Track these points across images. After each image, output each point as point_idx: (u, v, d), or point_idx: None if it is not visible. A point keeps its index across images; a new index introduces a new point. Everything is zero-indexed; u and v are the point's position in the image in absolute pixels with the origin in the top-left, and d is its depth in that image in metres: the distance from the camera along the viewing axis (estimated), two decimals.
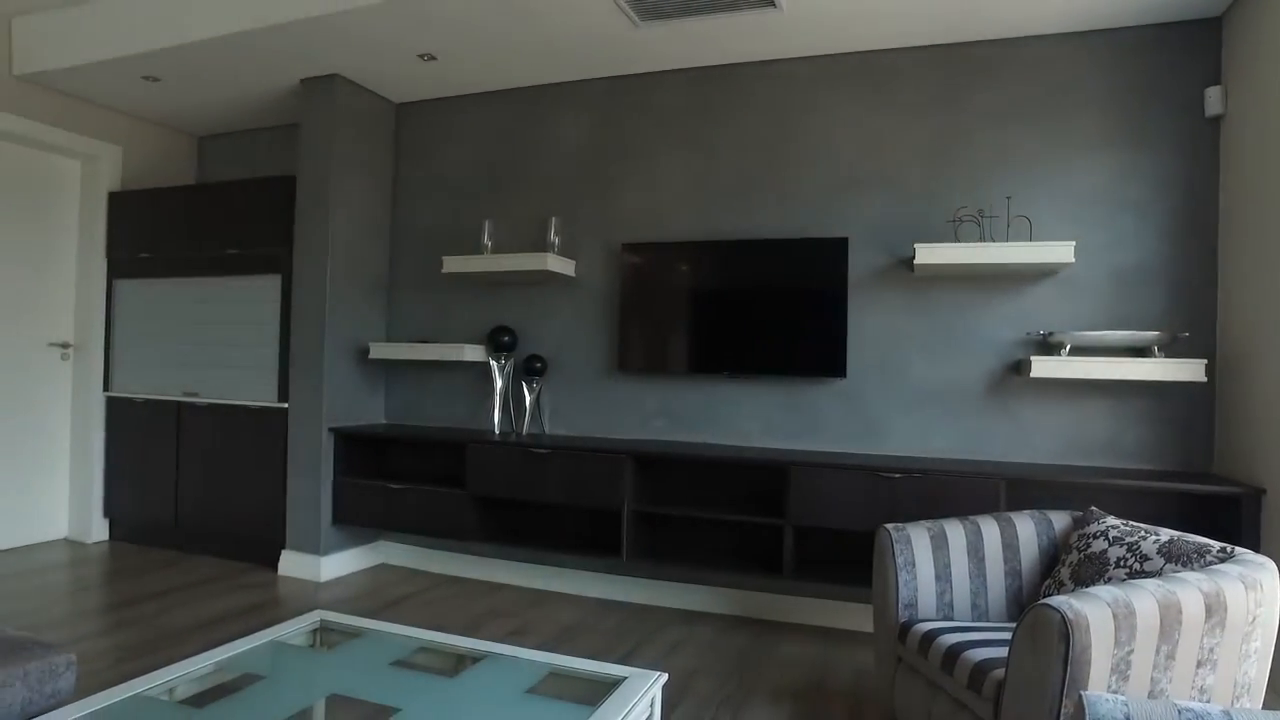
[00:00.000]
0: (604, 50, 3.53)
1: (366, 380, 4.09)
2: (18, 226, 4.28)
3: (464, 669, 1.77)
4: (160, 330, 4.32)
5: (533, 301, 3.93)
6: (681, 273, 3.54)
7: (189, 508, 4.20)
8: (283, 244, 3.95)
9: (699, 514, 3.19)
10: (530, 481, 3.42)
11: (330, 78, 3.87)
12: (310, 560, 3.82)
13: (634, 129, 3.77)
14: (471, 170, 4.10)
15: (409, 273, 4.22)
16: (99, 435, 4.47)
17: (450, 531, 3.57)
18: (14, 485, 4.29)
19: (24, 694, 1.67)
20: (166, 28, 3.61)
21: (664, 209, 3.70)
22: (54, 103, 4.26)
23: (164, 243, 4.31)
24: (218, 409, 4.12)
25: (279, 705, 1.49)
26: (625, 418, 3.72)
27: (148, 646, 2.92)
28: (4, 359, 4.23)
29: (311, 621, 1.95)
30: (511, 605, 3.54)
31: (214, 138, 5.00)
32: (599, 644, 3.08)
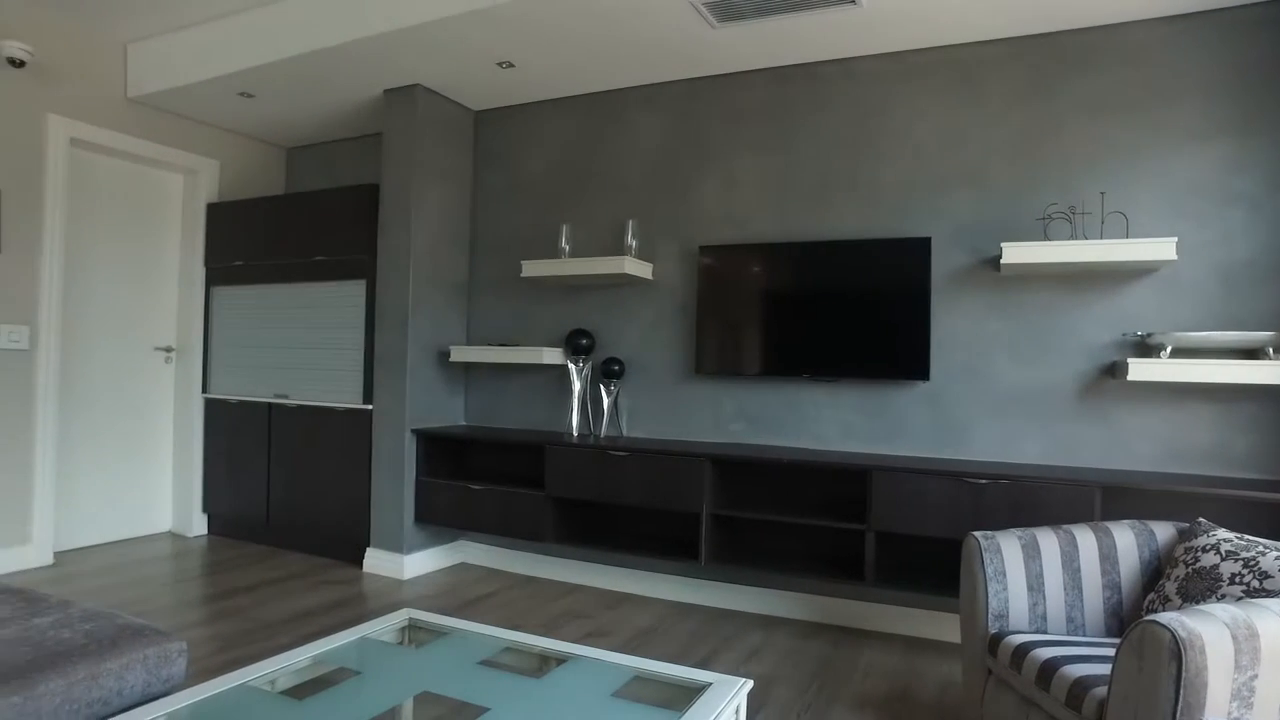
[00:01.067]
0: (681, 52, 3.52)
1: (447, 383, 4.18)
2: (128, 239, 4.54)
3: (549, 670, 1.79)
4: (252, 334, 4.52)
5: (610, 304, 3.95)
6: (759, 274, 3.51)
7: (279, 505, 4.37)
8: (367, 250, 4.07)
9: (778, 518, 3.15)
10: (608, 483, 3.44)
11: (411, 88, 3.97)
12: (393, 558, 3.92)
13: (711, 130, 3.76)
14: (549, 175, 4.15)
15: (488, 277, 4.29)
16: (198, 435, 4.69)
17: (528, 532, 3.62)
18: (124, 481, 4.55)
19: (144, 677, 1.76)
20: (261, 46, 3.78)
21: (742, 210, 3.67)
22: (161, 122, 4.50)
23: (256, 251, 4.50)
24: (306, 410, 4.27)
25: (374, 700, 1.53)
26: (702, 420, 3.71)
27: (244, 637, 3.04)
28: (115, 363, 4.49)
29: (401, 619, 2.00)
30: (588, 607, 3.57)
31: (301, 149, 5.20)
32: (676, 648, 3.07)
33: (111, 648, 1.76)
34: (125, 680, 1.73)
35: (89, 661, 1.69)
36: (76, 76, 4.10)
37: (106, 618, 1.92)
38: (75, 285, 4.28)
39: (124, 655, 1.75)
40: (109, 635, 1.81)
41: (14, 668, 1.62)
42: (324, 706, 1.49)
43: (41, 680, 1.60)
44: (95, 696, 1.68)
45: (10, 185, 3.86)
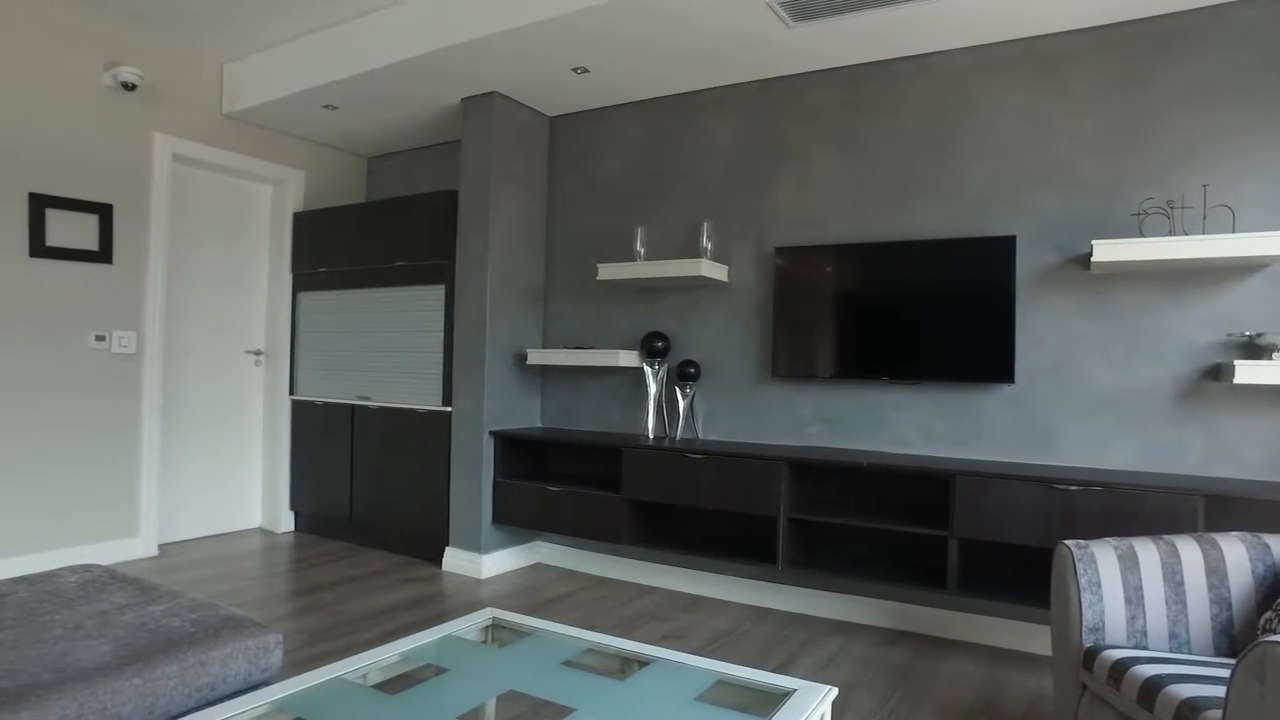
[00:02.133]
0: (755, 53, 3.50)
1: (524, 385, 4.25)
2: (222, 248, 4.76)
3: (631, 672, 1.80)
4: (336, 338, 4.67)
5: (685, 307, 3.95)
6: (837, 276, 3.46)
7: (362, 504, 4.51)
8: (446, 255, 4.17)
9: (857, 523, 3.10)
10: (684, 486, 3.44)
11: (489, 95, 4.05)
12: (472, 558, 4.00)
13: (786, 131, 3.72)
14: (623, 178, 4.18)
15: (563, 280, 4.35)
16: (285, 435, 4.88)
17: (604, 534, 3.65)
18: (219, 478, 4.77)
19: (245, 666, 1.84)
20: (345, 60, 3.91)
21: (818, 211, 3.63)
22: (252, 136, 4.71)
23: (339, 257, 4.65)
24: (387, 412, 4.40)
25: (461, 697, 1.57)
26: (779, 423, 3.68)
27: (330, 631, 3.15)
28: (210, 366, 4.71)
29: (484, 619, 2.04)
30: (664, 609, 3.57)
31: (381, 157, 5.36)
32: (753, 652, 3.05)
33: (216, 637, 1.84)
34: (229, 668, 1.82)
35: (197, 649, 1.78)
36: (178, 96, 4.33)
37: (211, 608, 2.02)
38: (175, 293, 4.50)
39: (228, 645, 1.84)
40: (214, 625, 1.90)
41: (134, 652, 1.71)
42: (414, 702, 1.53)
43: (159, 664, 1.69)
44: (203, 682, 1.76)
45: (121, 200, 4.09)
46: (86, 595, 2.10)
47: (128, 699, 1.62)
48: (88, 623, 1.89)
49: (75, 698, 1.54)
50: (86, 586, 2.18)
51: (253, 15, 3.90)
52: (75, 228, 3.92)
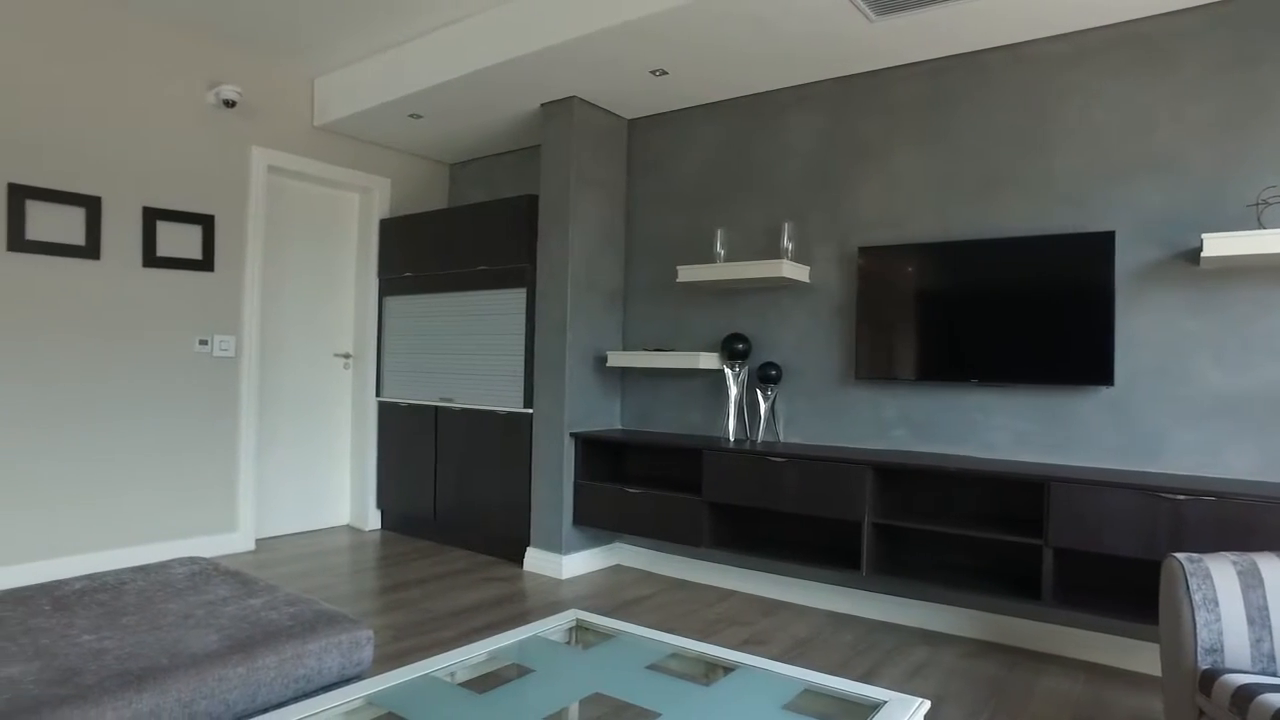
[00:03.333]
0: (836, 49, 3.44)
1: (604, 387, 4.27)
2: (313, 255, 4.95)
3: (716, 678, 1.78)
4: (420, 341, 4.79)
5: (766, 308, 3.90)
6: (921, 275, 3.36)
7: (445, 504, 4.61)
8: (527, 259, 4.23)
9: (945, 529, 3.00)
10: (766, 490, 3.40)
11: (568, 100, 4.09)
12: (552, 558, 4.04)
13: (867, 128, 3.64)
14: (701, 180, 4.16)
15: (643, 283, 4.35)
16: (372, 436, 5.03)
17: (684, 536, 3.63)
18: (310, 476, 4.95)
19: (339, 660, 1.90)
20: (429, 70, 4.01)
21: (901, 210, 3.53)
22: (342, 146, 4.88)
23: (423, 262, 4.77)
24: (470, 414, 4.48)
25: (547, 698, 1.57)
26: (862, 426, 3.60)
27: (415, 628, 3.22)
28: (302, 369, 4.90)
29: (568, 620, 2.05)
30: (744, 613, 3.53)
31: (462, 164, 5.48)
32: (836, 660, 2.99)
33: (312, 631, 1.90)
34: (324, 661, 1.88)
35: (295, 642, 1.84)
36: (273, 111, 4.52)
37: (307, 603, 2.09)
38: (270, 298, 4.70)
39: (323, 639, 1.89)
40: (309, 619, 1.96)
41: (238, 642, 1.79)
42: (501, 701, 1.55)
43: (260, 655, 1.76)
44: (300, 674, 1.82)
45: (222, 211, 4.30)
46: (194, 586, 2.21)
47: (233, 686, 1.69)
48: (196, 612, 1.98)
49: (188, 683, 1.61)
50: (194, 578, 2.28)
51: (343, 30, 4.04)
52: (181, 238, 4.13)
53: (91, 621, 1.90)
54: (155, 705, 1.56)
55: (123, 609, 2.00)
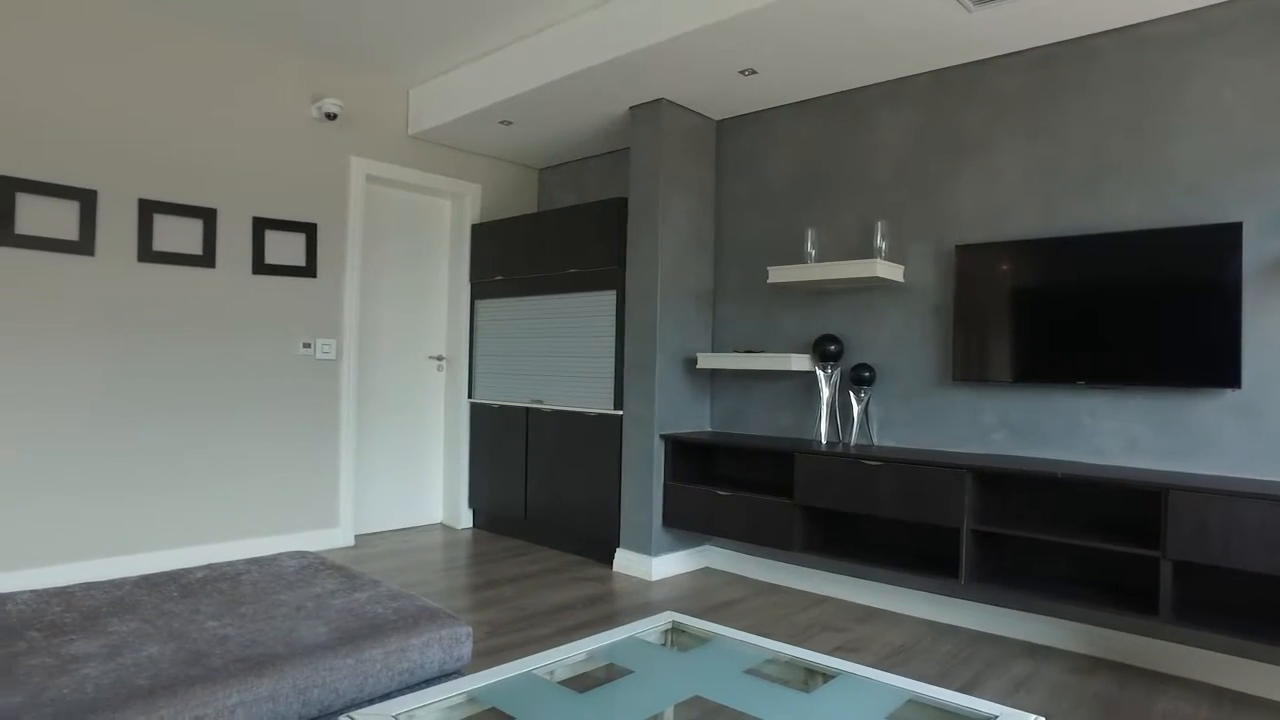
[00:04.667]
0: (932, 41, 3.33)
1: (693, 389, 4.26)
2: (408, 260, 5.11)
3: (815, 685, 1.75)
4: (511, 344, 4.88)
5: (858, 309, 3.82)
6: (1024, 273, 3.23)
7: (536, 503, 4.68)
8: (616, 262, 4.25)
9: (1050, 538, 2.86)
10: (860, 493, 3.32)
11: (656, 102, 4.10)
12: (642, 559, 4.05)
13: (964, 122, 3.52)
14: (791, 180, 4.10)
15: (732, 284, 4.32)
16: (465, 436, 5.16)
17: (776, 540, 3.58)
18: (405, 475, 5.11)
19: (440, 655, 1.95)
20: (519, 77, 4.08)
21: (1002, 205, 3.40)
22: (435, 154, 5.02)
23: (514, 266, 4.86)
24: (560, 415, 4.54)
25: (646, 700, 1.57)
26: (960, 430, 3.47)
27: (508, 625, 3.27)
28: (398, 371, 5.06)
29: (664, 622, 2.04)
30: (837, 619, 3.46)
31: (551, 168, 5.56)
32: (934, 670, 2.89)
33: (414, 626, 1.96)
34: (426, 656, 1.93)
35: (399, 636, 1.90)
36: (371, 122, 4.69)
37: (408, 598, 2.15)
38: (368, 303, 4.88)
39: (425, 634, 1.94)
40: (412, 614, 2.02)
41: (346, 634, 1.85)
42: (601, 701, 1.55)
43: (367, 647, 1.82)
44: (404, 667, 1.88)
45: (324, 219, 4.48)
46: (304, 579, 2.30)
47: (343, 676, 1.75)
48: (307, 604, 2.06)
49: (303, 671, 1.68)
50: (303, 571, 2.38)
51: (436, 42, 4.15)
52: (286, 246, 4.32)
53: (214, 609, 2.00)
54: (273, 690, 1.63)
55: (241, 598, 2.10)
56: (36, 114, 3.53)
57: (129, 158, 3.78)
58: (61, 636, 1.78)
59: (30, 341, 3.52)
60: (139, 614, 1.95)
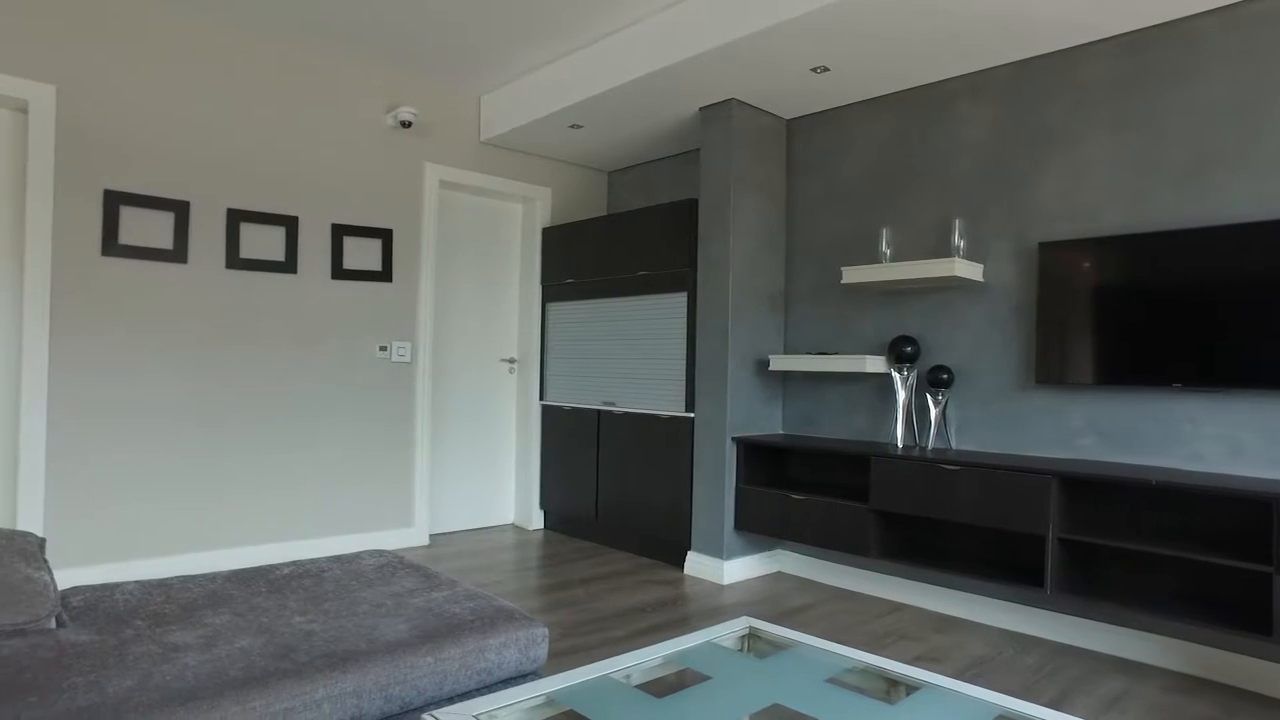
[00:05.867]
0: (1014, 31, 3.22)
1: (765, 391, 4.21)
2: (480, 264, 5.20)
3: (899, 696, 1.70)
4: (582, 346, 4.91)
5: (935, 309, 3.72)
6: (1115, 270, 3.08)
7: (607, 505, 4.69)
8: (687, 264, 4.24)
9: (1145, 549, 2.72)
10: (938, 499, 3.23)
11: (726, 103, 4.07)
12: (713, 563, 4.02)
13: (1048, 114, 3.39)
14: (864, 178, 4.02)
15: (804, 285, 4.26)
16: (536, 438, 5.21)
17: (850, 545, 3.51)
18: (477, 476, 5.19)
19: (517, 656, 1.96)
20: (589, 81, 4.11)
21: (1090, 200, 3.25)
22: (506, 159, 5.10)
23: (585, 268, 4.89)
24: (632, 417, 4.54)
25: (725, 707, 1.55)
26: (1044, 434, 3.34)
27: (580, 627, 3.29)
28: (471, 373, 5.15)
29: (741, 627, 2.02)
30: (914, 627, 3.37)
31: (620, 171, 5.58)
32: (1018, 683, 2.79)
33: (491, 626, 1.98)
34: (503, 656, 1.94)
35: (476, 636, 1.92)
36: (444, 128, 4.78)
37: (485, 599, 2.17)
38: (441, 306, 4.97)
39: (502, 634, 1.96)
40: (489, 615, 2.04)
41: (426, 633, 1.88)
42: (680, 707, 1.54)
43: (446, 646, 1.84)
44: (481, 667, 1.90)
45: (400, 225, 4.59)
46: (383, 577, 2.35)
47: (423, 674, 1.78)
48: (387, 602, 2.11)
49: (384, 668, 1.72)
50: (382, 570, 2.43)
51: (508, 48, 4.21)
52: (364, 251, 4.44)
53: (300, 604, 2.06)
54: (357, 686, 1.67)
55: (324, 595, 2.16)
56: (136, 130, 3.71)
57: (218, 169, 3.95)
58: (163, 626, 1.85)
59: (130, 346, 3.70)
60: (231, 607, 2.02)
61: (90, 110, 3.60)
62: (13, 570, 1.83)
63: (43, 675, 1.53)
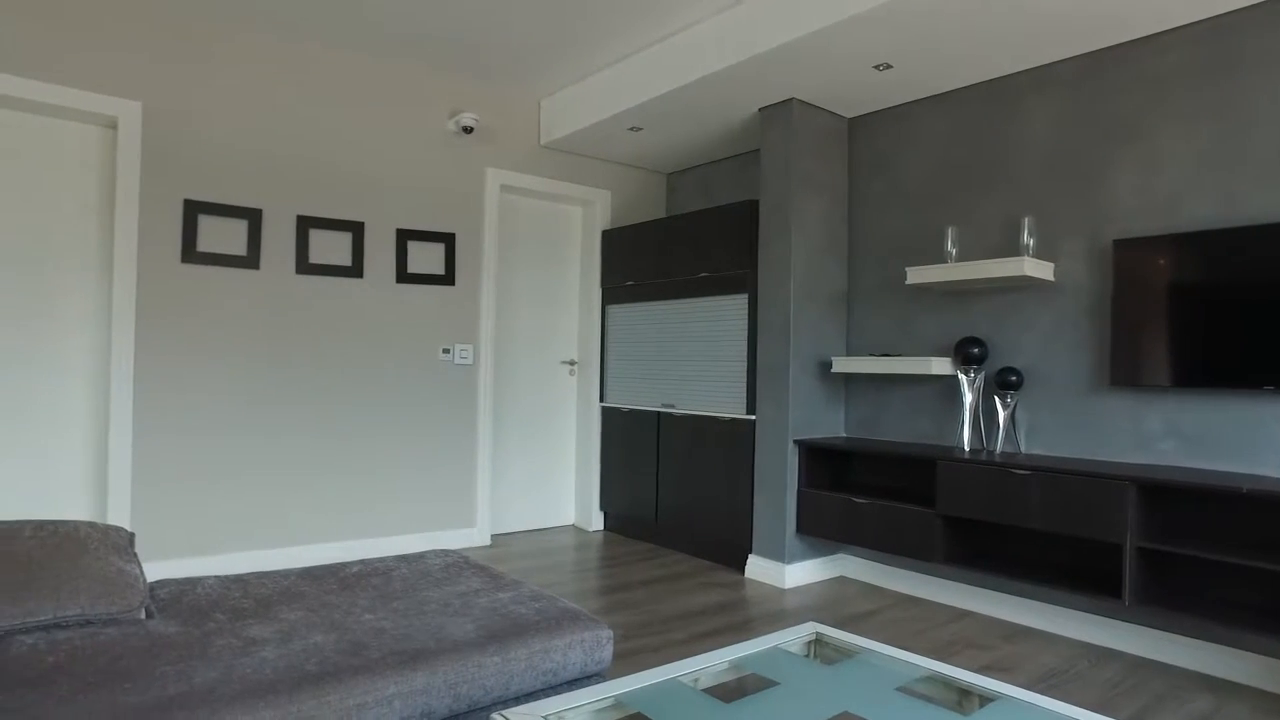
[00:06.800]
0: (1086, 21, 3.11)
1: (827, 394, 4.16)
2: (540, 266, 5.25)
3: (972, 708, 1.66)
4: (642, 348, 4.92)
5: (1002, 310, 3.62)
6: (1197, 268, 2.95)
7: (666, 507, 4.69)
8: (748, 265, 4.21)
9: (1233, 560, 2.60)
10: (1008, 504, 3.14)
11: (786, 103, 4.03)
12: (775, 567, 3.99)
13: (1123, 106, 3.27)
14: (928, 176, 3.94)
15: (867, 286, 4.19)
16: (596, 440, 5.24)
17: (915, 550, 3.44)
18: (538, 477, 5.24)
19: (581, 657, 1.97)
20: (649, 83, 4.12)
21: (1169, 195, 3.13)
22: (565, 162, 5.14)
23: (644, 270, 4.90)
24: (692, 419, 4.53)
25: (796, 714, 1.53)
26: (1119, 438, 3.22)
27: (642, 628, 3.29)
28: (532, 376, 5.21)
29: (807, 633, 1.99)
30: (982, 636, 3.29)
31: (679, 173, 5.57)
32: (1095, 698, 2.69)
33: (557, 627, 1.99)
34: (568, 657, 1.95)
35: (542, 637, 1.93)
36: (505, 133, 4.85)
37: (549, 600, 2.19)
38: (503, 309, 5.04)
39: (567, 635, 1.97)
40: (554, 616, 2.05)
41: (493, 633, 1.91)
42: (750, 713, 1.53)
43: (512, 646, 1.86)
44: (547, 667, 1.91)
45: (462, 229, 4.67)
46: (449, 577, 2.39)
47: (490, 674, 1.80)
48: (454, 602, 2.14)
49: (453, 666, 1.75)
50: (448, 569, 2.47)
51: (568, 53, 4.24)
52: (427, 255, 4.53)
53: (369, 602, 2.11)
54: (427, 684, 1.70)
55: (393, 594, 2.20)
56: (213, 142, 3.85)
57: (288, 177, 4.07)
58: (242, 620, 1.92)
59: (206, 350, 3.84)
60: (304, 604, 2.08)
61: (172, 124, 3.76)
62: (108, 563, 1.92)
63: (136, 663, 1.60)
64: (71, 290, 3.66)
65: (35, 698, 1.45)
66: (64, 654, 1.63)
